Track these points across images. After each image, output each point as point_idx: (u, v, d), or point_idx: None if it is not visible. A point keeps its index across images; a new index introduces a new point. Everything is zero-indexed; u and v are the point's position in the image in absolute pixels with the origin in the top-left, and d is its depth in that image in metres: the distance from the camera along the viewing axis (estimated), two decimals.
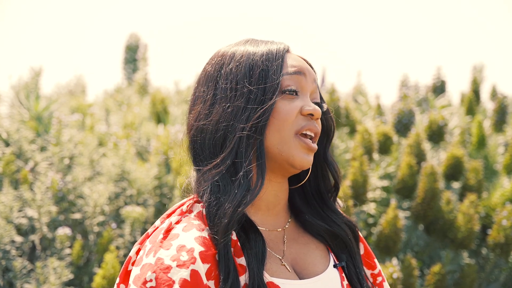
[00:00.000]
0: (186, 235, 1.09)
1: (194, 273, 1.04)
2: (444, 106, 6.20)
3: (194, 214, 1.15)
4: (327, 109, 1.28)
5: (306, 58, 1.26)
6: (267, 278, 1.12)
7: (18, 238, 3.32)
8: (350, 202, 3.45)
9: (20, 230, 3.47)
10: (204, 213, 1.13)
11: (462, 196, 4.32)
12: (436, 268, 3.65)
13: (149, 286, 1.04)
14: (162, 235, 1.11)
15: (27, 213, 3.44)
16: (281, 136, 1.16)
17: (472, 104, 5.65)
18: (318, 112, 1.18)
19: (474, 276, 3.82)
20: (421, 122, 4.92)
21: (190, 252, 1.06)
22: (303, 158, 1.18)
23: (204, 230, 1.10)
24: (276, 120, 1.16)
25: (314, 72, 1.25)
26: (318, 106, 1.24)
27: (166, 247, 1.07)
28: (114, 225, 3.63)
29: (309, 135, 1.19)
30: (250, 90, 1.15)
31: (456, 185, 4.46)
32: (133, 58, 9.67)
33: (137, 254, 1.17)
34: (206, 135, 1.17)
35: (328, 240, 1.28)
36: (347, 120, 4.77)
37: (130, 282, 1.08)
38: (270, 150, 1.16)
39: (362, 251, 1.33)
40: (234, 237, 1.12)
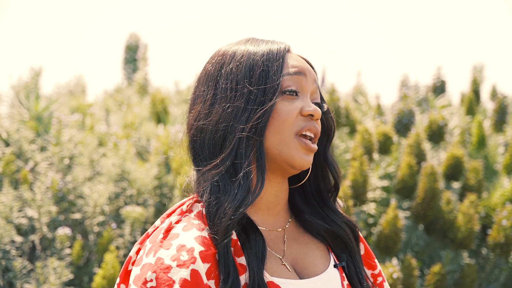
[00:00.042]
0: (186, 235, 1.09)
1: (194, 272, 1.04)
2: (444, 106, 6.20)
3: (194, 213, 1.15)
4: (328, 109, 1.28)
5: (306, 58, 1.26)
6: (267, 277, 1.12)
7: (18, 238, 3.32)
8: (350, 202, 3.45)
9: (20, 230, 3.47)
10: (204, 212, 1.13)
11: (462, 196, 4.31)
12: (436, 268, 3.65)
13: (149, 286, 1.04)
14: (162, 235, 1.10)
15: (27, 213, 3.44)
16: (281, 137, 1.16)
17: (472, 104, 5.65)
18: (318, 112, 1.18)
19: (474, 276, 3.82)
20: (421, 122, 4.92)
21: (190, 251, 1.06)
22: (303, 159, 1.17)
23: (204, 229, 1.10)
24: (276, 121, 1.15)
25: (315, 72, 1.25)
26: (319, 106, 1.24)
27: (166, 247, 1.07)
28: (114, 225, 3.63)
29: (308, 136, 1.18)
30: (250, 90, 1.15)
31: (456, 185, 4.46)
32: (133, 58, 9.67)
33: (137, 254, 1.16)
34: (206, 135, 1.17)
35: (328, 240, 1.27)
36: (347, 120, 4.77)
37: (130, 282, 1.07)
38: (270, 151, 1.16)
39: (362, 251, 1.33)
40: (234, 236, 1.11)
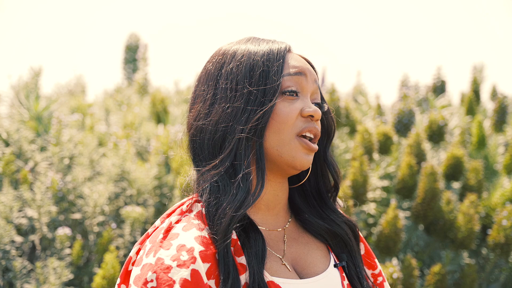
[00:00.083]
0: (186, 235, 1.09)
1: (195, 272, 1.04)
2: (444, 106, 6.20)
3: (194, 213, 1.15)
4: (328, 109, 1.27)
5: (307, 58, 1.26)
6: (268, 277, 1.12)
7: (18, 238, 3.31)
8: (350, 202, 3.44)
9: (20, 230, 3.47)
10: (203, 212, 1.13)
11: (462, 196, 4.31)
12: (436, 268, 3.65)
13: (150, 286, 1.04)
14: (162, 235, 1.10)
15: (27, 213, 3.44)
16: (280, 138, 1.15)
17: (472, 104, 5.65)
18: (318, 113, 1.18)
19: (474, 276, 3.82)
20: (421, 122, 4.91)
21: (190, 251, 1.06)
22: (304, 159, 1.17)
23: (204, 229, 1.10)
24: (275, 122, 1.15)
25: (315, 72, 1.24)
26: (319, 106, 1.24)
27: (166, 247, 1.07)
28: (114, 225, 3.62)
29: (308, 137, 1.18)
30: (250, 91, 1.15)
31: (456, 185, 4.46)
32: (133, 58, 9.66)
33: (137, 254, 1.16)
34: (205, 135, 1.17)
35: (328, 239, 1.27)
36: (347, 120, 4.76)
37: (131, 282, 1.07)
38: (270, 152, 1.16)
39: (362, 251, 1.33)
40: (234, 236, 1.11)
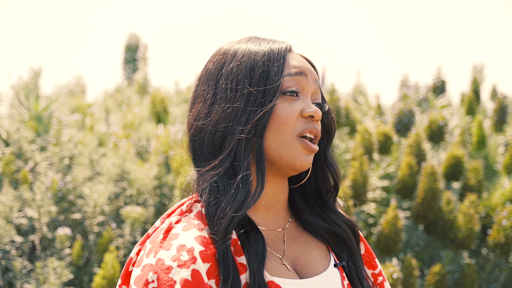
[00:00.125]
0: (186, 235, 1.09)
1: (195, 272, 1.04)
2: (444, 106, 6.20)
3: (193, 213, 1.14)
4: (329, 109, 1.27)
5: (308, 58, 1.25)
6: (268, 277, 1.12)
7: (18, 238, 3.31)
8: (350, 202, 3.44)
9: (20, 230, 3.47)
10: (203, 212, 1.13)
11: (462, 196, 4.31)
12: (436, 268, 3.64)
13: (151, 287, 1.03)
14: (162, 235, 1.10)
15: (27, 213, 3.44)
16: (280, 139, 1.15)
17: (472, 104, 5.65)
18: (318, 114, 1.18)
19: (474, 276, 3.81)
20: (421, 122, 4.91)
21: (190, 251, 1.06)
22: (304, 160, 1.17)
23: (204, 229, 1.10)
24: (276, 122, 1.15)
25: (316, 72, 1.24)
26: (320, 106, 1.23)
27: (167, 248, 1.07)
28: (114, 225, 3.62)
29: (309, 137, 1.18)
30: (250, 91, 1.14)
31: (456, 185, 4.45)
32: (133, 58, 9.66)
33: (137, 255, 1.16)
34: (205, 135, 1.17)
35: (328, 239, 1.27)
36: (347, 120, 4.76)
37: (131, 283, 1.07)
38: (269, 153, 1.16)
39: (362, 251, 1.33)
40: (234, 236, 1.11)
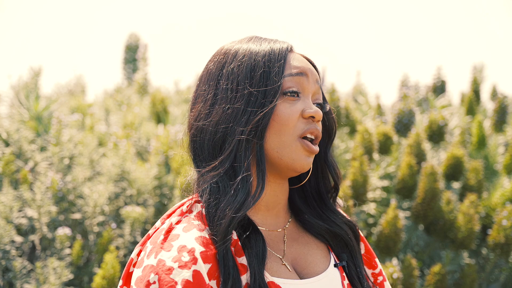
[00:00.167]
0: (186, 236, 1.09)
1: (196, 273, 1.04)
2: (444, 106, 6.20)
3: (194, 214, 1.14)
4: (330, 109, 1.27)
5: (309, 58, 1.24)
6: (268, 278, 1.11)
7: (18, 238, 3.31)
8: (350, 202, 3.44)
9: (20, 230, 3.46)
10: (204, 213, 1.13)
11: (462, 196, 4.31)
12: (436, 268, 3.64)
13: None
14: (162, 236, 1.10)
15: (27, 213, 3.44)
16: (281, 140, 1.15)
17: (472, 104, 5.65)
18: (319, 114, 1.17)
19: (474, 276, 3.81)
20: (421, 122, 4.91)
21: (191, 252, 1.06)
22: (304, 161, 1.17)
23: (204, 230, 1.10)
24: (276, 123, 1.14)
25: (317, 72, 1.23)
26: (321, 106, 1.23)
27: (167, 249, 1.07)
28: (114, 225, 3.62)
29: (309, 138, 1.18)
30: (250, 92, 1.14)
31: (456, 185, 4.45)
32: (133, 58, 9.66)
33: (138, 255, 1.16)
34: (206, 136, 1.16)
35: (328, 239, 1.27)
36: (347, 120, 4.76)
37: (132, 284, 1.07)
38: (270, 154, 1.15)
39: (363, 251, 1.33)
40: (235, 236, 1.11)
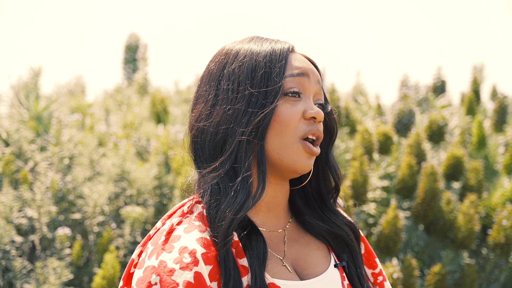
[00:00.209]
0: (187, 237, 1.09)
1: (198, 275, 1.04)
2: (444, 106, 6.20)
3: (195, 215, 1.14)
4: (331, 110, 1.26)
5: (310, 58, 1.24)
6: (269, 279, 1.11)
7: (18, 238, 3.31)
8: (350, 202, 3.44)
9: (20, 230, 3.46)
10: (204, 214, 1.12)
11: (462, 196, 4.31)
12: (436, 268, 3.64)
13: None
14: (164, 237, 1.10)
15: (27, 213, 3.44)
16: (282, 141, 1.14)
17: (472, 104, 5.65)
18: (320, 115, 1.17)
19: (475, 276, 3.81)
20: (421, 122, 4.91)
21: (192, 254, 1.06)
22: (305, 163, 1.16)
23: (205, 231, 1.10)
24: (277, 124, 1.14)
25: (319, 72, 1.23)
26: (322, 107, 1.22)
27: (169, 250, 1.07)
28: (114, 225, 3.62)
29: (311, 139, 1.17)
30: (251, 93, 1.13)
31: (456, 185, 4.45)
32: (133, 58, 9.65)
33: (139, 256, 1.16)
34: (207, 137, 1.16)
35: (329, 240, 1.27)
36: (347, 120, 4.76)
37: (133, 285, 1.07)
38: (270, 155, 1.15)
39: (362, 250, 1.33)
40: (236, 238, 1.11)
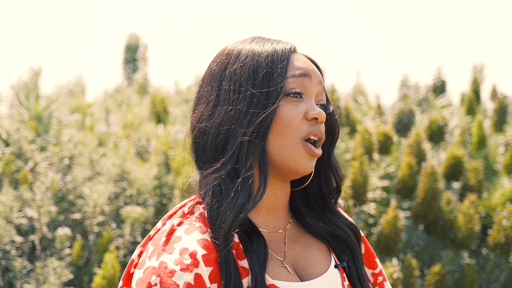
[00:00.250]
0: (188, 238, 1.09)
1: (198, 276, 1.04)
2: (444, 106, 6.19)
3: (195, 215, 1.14)
4: (333, 110, 1.26)
5: (312, 58, 1.24)
6: (269, 280, 1.11)
7: (18, 238, 3.31)
8: (350, 202, 3.44)
9: (20, 230, 3.46)
10: (205, 215, 1.12)
11: (462, 196, 4.31)
12: (436, 268, 3.64)
13: None
14: (164, 238, 1.10)
15: (27, 213, 3.44)
16: (283, 142, 1.14)
17: (472, 104, 5.65)
18: (322, 116, 1.17)
19: (475, 276, 3.81)
20: (421, 122, 4.91)
21: (192, 255, 1.05)
22: (306, 164, 1.16)
23: (206, 232, 1.10)
24: (279, 125, 1.13)
25: (321, 72, 1.23)
26: (324, 107, 1.22)
27: (169, 251, 1.07)
28: (114, 225, 3.62)
29: (312, 140, 1.17)
30: (253, 93, 1.13)
31: (456, 185, 4.45)
32: (133, 58, 9.65)
33: (139, 256, 1.16)
34: (208, 138, 1.16)
35: (329, 240, 1.27)
36: (347, 120, 4.76)
37: (133, 285, 1.07)
38: (272, 156, 1.15)
39: (363, 251, 1.33)
40: (236, 239, 1.11)
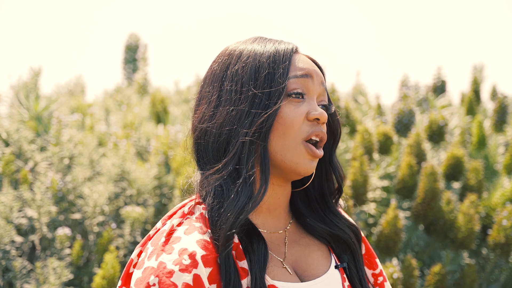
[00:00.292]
0: (188, 238, 1.08)
1: (197, 277, 1.04)
2: (444, 106, 6.20)
3: (195, 216, 1.14)
4: (335, 111, 1.26)
5: (314, 59, 1.24)
6: (269, 281, 1.11)
7: (18, 238, 3.31)
8: (350, 202, 3.44)
9: (20, 230, 3.46)
10: (206, 215, 1.12)
11: (462, 196, 4.31)
12: (436, 268, 3.64)
13: None
14: (164, 238, 1.10)
15: (27, 213, 3.44)
16: (285, 142, 1.14)
17: (472, 104, 5.65)
18: (324, 116, 1.16)
19: (475, 276, 3.81)
20: (421, 122, 4.91)
21: (192, 255, 1.05)
22: (308, 165, 1.16)
23: (205, 233, 1.10)
24: (280, 125, 1.13)
25: (322, 73, 1.23)
26: (326, 108, 1.22)
27: (168, 251, 1.07)
28: (114, 225, 3.62)
29: (314, 140, 1.17)
30: (254, 94, 1.13)
31: (456, 185, 4.45)
32: (133, 58, 9.65)
33: (138, 256, 1.16)
34: (210, 138, 1.16)
35: (330, 241, 1.27)
36: (347, 120, 4.76)
37: (132, 285, 1.07)
38: (273, 156, 1.15)
39: (363, 251, 1.32)
40: (236, 240, 1.11)
